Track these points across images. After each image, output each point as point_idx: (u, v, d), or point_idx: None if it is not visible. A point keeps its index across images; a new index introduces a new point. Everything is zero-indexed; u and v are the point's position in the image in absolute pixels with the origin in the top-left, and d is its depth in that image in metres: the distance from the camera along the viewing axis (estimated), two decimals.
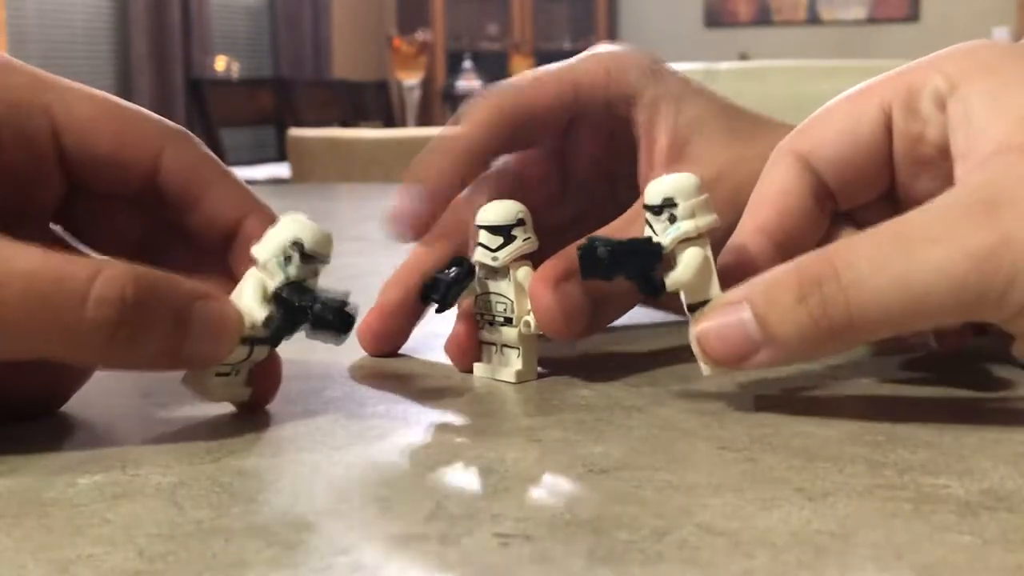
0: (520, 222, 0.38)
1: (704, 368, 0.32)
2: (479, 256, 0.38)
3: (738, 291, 0.32)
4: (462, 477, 0.28)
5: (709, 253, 0.33)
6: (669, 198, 0.33)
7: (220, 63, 5.10)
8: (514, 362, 0.38)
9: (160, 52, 4.73)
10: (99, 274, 0.29)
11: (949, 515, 0.25)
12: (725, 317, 0.31)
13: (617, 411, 0.34)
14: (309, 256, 0.32)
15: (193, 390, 0.33)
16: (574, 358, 0.42)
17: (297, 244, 0.32)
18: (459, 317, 0.39)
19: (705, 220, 0.33)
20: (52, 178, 0.34)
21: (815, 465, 0.28)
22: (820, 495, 0.26)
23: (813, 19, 5.81)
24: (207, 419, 0.33)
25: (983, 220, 0.29)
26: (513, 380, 0.38)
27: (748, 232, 0.35)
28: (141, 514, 0.25)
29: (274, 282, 0.32)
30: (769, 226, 0.35)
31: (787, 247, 0.35)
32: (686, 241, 0.33)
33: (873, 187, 0.37)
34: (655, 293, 0.33)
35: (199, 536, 0.24)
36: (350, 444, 0.31)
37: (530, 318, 0.37)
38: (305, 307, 0.32)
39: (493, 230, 0.37)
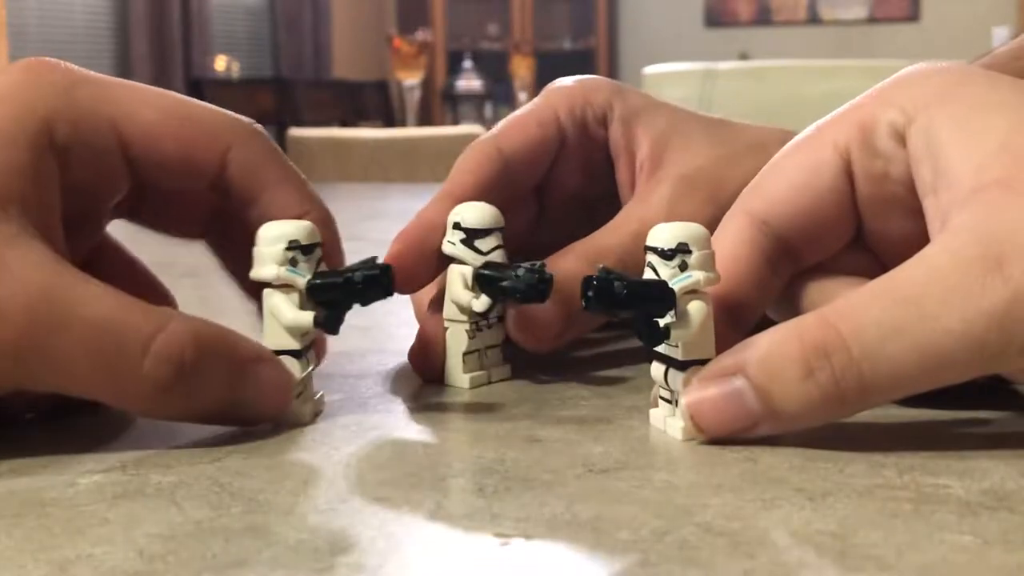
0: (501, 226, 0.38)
1: (680, 434, 0.31)
2: (472, 260, 0.37)
3: (729, 359, 0.30)
4: (462, 477, 0.28)
5: (712, 310, 0.31)
6: (684, 244, 0.31)
7: (220, 63, 5.10)
8: (502, 359, 0.38)
9: (160, 52, 4.73)
10: (162, 330, 0.30)
11: (949, 515, 0.25)
12: (719, 388, 0.30)
13: (617, 411, 0.34)
14: (310, 247, 0.33)
15: (285, 421, 0.33)
16: (574, 358, 0.42)
17: (293, 243, 0.32)
18: (425, 320, 0.39)
19: (713, 275, 0.31)
20: (119, 185, 0.34)
21: (815, 465, 0.28)
22: (820, 495, 0.26)
23: (813, 19, 5.81)
24: None
25: (993, 276, 0.28)
26: (509, 375, 0.38)
27: None
28: (141, 514, 0.25)
29: (300, 287, 0.32)
30: (716, 292, 0.33)
31: (736, 314, 0.33)
32: (690, 293, 0.31)
33: (839, 237, 0.35)
34: (654, 341, 0.31)
35: (199, 536, 0.24)
36: (350, 444, 0.31)
37: None
38: (349, 278, 0.32)
39: (501, 231, 0.38)
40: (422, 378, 0.39)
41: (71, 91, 0.33)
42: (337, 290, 0.32)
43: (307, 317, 0.32)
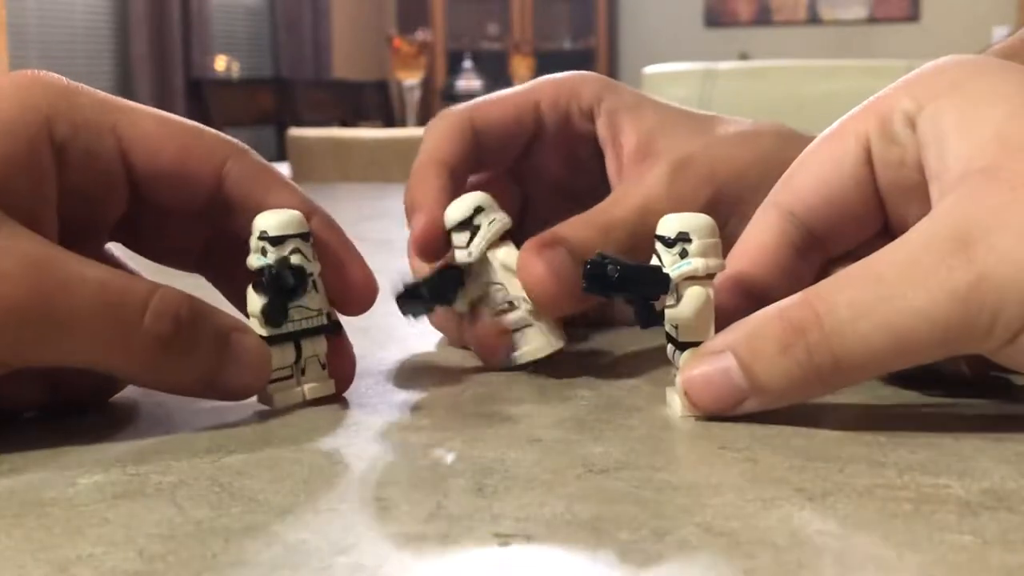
0: (479, 209, 0.38)
1: (680, 410, 0.32)
2: (459, 257, 0.38)
3: (721, 339, 0.32)
4: (462, 477, 0.28)
5: (712, 296, 0.32)
6: (684, 232, 0.32)
7: (220, 63, 5.10)
8: (535, 337, 0.38)
9: (160, 52, 4.73)
10: (157, 291, 0.31)
11: (949, 515, 0.25)
12: (710, 365, 0.31)
13: (617, 411, 0.34)
14: (279, 239, 0.34)
15: (261, 403, 0.34)
16: (574, 358, 0.42)
17: (263, 234, 0.34)
18: (474, 318, 0.39)
19: (715, 263, 0.32)
20: (118, 196, 0.35)
21: (815, 465, 0.28)
22: (820, 495, 0.26)
23: (813, 19, 5.81)
24: (207, 419, 0.33)
25: (959, 259, 0.29)
26: (548, 352, 0.38)
27: (722, 284, 0.35)
28: (141, 514, 0.25)
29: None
30: (744, 279, 0.35)
31: (763, 302, 0.34)
32: (691, 279, 0.32)
33: (866, 226, 0.36)
34: (650, 322, 0.33)
35: (199, 536, 0.24)
36: (350, 444, 0.31)
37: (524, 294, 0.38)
38: (259, 273, 0.33)
39: (458, 228, 0.38)
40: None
41: (74, 97, 0.33)
42: (257, 286, 0.33)
43: (256, 306, 0.33)
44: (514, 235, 0.40)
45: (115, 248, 0.37)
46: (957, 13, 5.47)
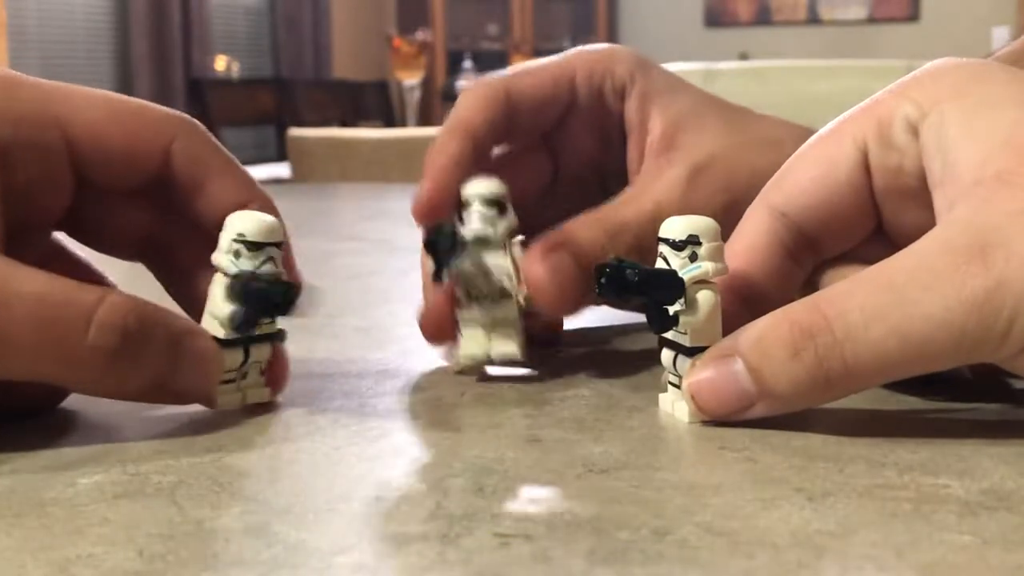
0: (506, 196, 0.38)
1: (686, 416, 0.32)
2: (477, 228, 0.37)
3: (728, 343, 0.31)
4: (462, 477, 0.28)
5: (719, 299, 0.32)
6: (694, 236, 0.32)
7: (220, 63, 5.10)
8: (514, 338, 0.38)
9: (160, 52, 4.73)
10: (103, 301, 0.30)
11: (949, 515, 0.25)
12: (717, 370, 0.31)
13: (617, 411, 0.34)
14: (256, 244, 0.33)
15: (202, 404, 0.34)
16: (574, 358, 0.42)
17: (240, 236, 0.33)
18: (432, 292, 0.39)
19: (721, 266, 0.32)
20: (64, 188, 0.34)
21: (815, 465, 0.28)
22: (820, 495, 0.26)
23: (813, 19, 5.81)
24: (207, 419, 0.33)
25: (976, 265, 0.28)
26: (519, 356, 0.37)
27: None
28: (141, 514, 0.25)
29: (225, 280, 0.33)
30: (735, 281, 0.34)
31: (753, 302, 0.34)
32: (700, 283, 0.32)
33: (859, 229, 0.35)
34: (664, 327, 0.32)
35: (199, 536, 0.24)
36: (350, 444, 0.31)
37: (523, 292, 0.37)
38: (246, 285, 0.33)
39: (488, 202, 0.37)
40: (431, 345, 0.39)
41: (13, 92, 0.33)
42: (236, 294, 0.33)
43: (225, 310, 0.33)
44: (539, 207, 0.39)
45: (64, 236, 0.37)
46: (957, 13, 5.47)
